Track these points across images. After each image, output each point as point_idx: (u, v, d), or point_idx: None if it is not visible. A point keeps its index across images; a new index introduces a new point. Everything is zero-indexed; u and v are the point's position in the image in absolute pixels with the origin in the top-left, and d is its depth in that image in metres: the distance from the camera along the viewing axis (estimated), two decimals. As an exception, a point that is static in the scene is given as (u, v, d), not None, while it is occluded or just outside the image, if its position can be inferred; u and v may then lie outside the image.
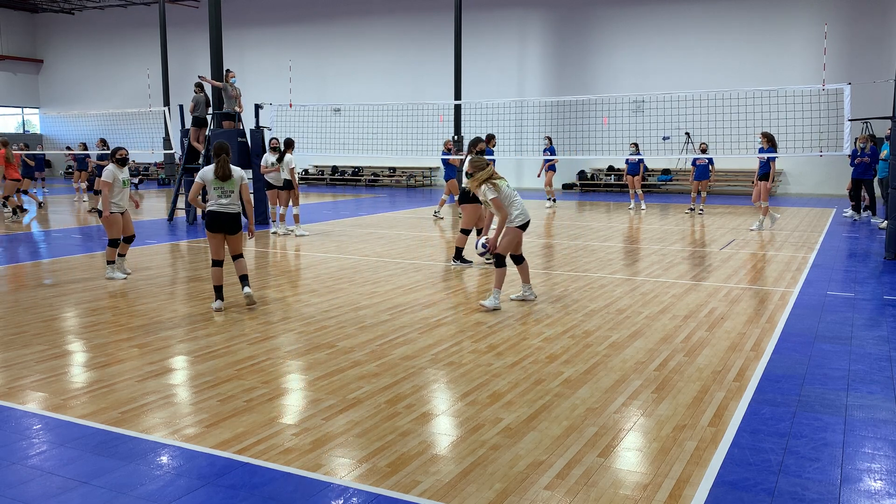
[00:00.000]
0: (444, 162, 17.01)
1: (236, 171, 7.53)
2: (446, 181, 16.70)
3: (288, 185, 13.52)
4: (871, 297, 8.21)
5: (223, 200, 7.45)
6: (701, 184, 17.21)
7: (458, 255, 10.32)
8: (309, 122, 23.26)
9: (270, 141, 13.65)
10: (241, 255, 7.73)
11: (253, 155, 15.44)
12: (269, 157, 13.44)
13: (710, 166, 17.22)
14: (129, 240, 9.42)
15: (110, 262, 9.29)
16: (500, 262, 5.59)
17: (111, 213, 9.05)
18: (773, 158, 13.86)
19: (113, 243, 9.26)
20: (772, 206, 20.04)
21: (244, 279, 7.65)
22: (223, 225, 7.50)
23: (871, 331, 6.72)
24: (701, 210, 17.48)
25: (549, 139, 20.00)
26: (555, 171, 19.91)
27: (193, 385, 5.26)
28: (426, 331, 6.73)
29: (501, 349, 6.13)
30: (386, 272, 9.97)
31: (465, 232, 10.24)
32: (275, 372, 5.56)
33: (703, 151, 17.13)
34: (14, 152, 18.40)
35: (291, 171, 13.34)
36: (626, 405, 4.82)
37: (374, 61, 29.26)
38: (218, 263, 7.61)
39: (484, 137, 11.54)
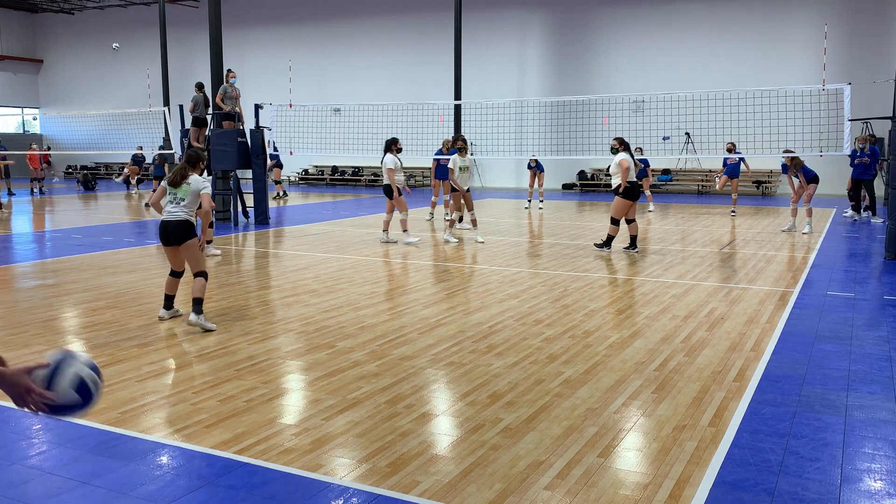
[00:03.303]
0: (440, 161, 15.93)
1: (195, 180, 6.88)
2: (440, 180, 15.80)
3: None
4: (871, 297, 8.21)
5: (170, 207, 6.85)
6: (732, 182, 17.10)
7: (632, 244, 11.18)
8: (309, 122, 23.24)
9: (396, 143, 12.20)
10: (200, 273, 6.78)
11: (253, 155, 15.42)
12: (395, 160, 12.07)
13: (743, 163, 17.03)
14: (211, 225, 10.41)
15: None
16: None
17: None
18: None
19: None
20: (771, 206, 20.08)
21: (195, 303, 6.66)
22: (168, 236, 6.84)
23: (871, 331, 6.72)
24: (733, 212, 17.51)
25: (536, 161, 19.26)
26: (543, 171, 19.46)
27: (193, 385, 5.26)
28: (426, 331, 6.73)
29: (501, 349, 6.13)
30: (386, 272, 9.98)
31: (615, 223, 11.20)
32: (275, 372, 5.55)
33: (730, 151, 16.95)
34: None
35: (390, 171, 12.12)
36: (626, 405, 4.82)
37: (374, 61, 29.25)
38: (175, 274, 7.06)
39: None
